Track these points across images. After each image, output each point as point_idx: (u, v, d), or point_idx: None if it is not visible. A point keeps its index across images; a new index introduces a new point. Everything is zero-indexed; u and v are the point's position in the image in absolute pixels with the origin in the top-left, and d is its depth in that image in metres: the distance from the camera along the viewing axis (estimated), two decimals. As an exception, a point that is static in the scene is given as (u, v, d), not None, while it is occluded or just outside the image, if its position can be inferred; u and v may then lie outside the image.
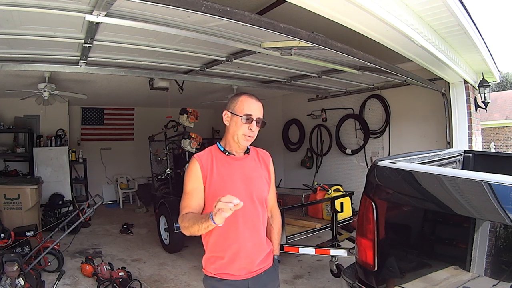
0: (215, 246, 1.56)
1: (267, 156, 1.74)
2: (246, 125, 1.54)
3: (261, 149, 1.76)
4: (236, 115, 1.55)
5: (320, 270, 4.11)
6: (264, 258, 1.63)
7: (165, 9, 2.13)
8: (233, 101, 1.59)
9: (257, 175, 1.64)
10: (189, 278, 3.87)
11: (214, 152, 1.61)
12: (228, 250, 1.53)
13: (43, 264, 3.81)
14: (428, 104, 5.36)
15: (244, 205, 1.49)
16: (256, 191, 1.59)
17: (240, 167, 1.60)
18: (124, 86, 6.01)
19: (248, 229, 1.55)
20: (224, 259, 1.54)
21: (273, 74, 5.06)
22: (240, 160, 1.62)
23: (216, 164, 1.57)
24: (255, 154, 1.70)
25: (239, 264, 1.54)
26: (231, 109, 1.58)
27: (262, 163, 1.69)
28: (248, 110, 1.54)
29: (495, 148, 15.40)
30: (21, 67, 3.63)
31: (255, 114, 1.55)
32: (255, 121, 1.55)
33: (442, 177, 1.72)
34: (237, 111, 1.55)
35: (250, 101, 1.57)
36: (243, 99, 1.57)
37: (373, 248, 1.85)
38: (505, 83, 24.79)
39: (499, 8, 51.08)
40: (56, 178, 6.81)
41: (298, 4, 1.96)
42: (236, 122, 1.55)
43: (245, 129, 1.55)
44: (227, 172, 1.57)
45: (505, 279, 1.45)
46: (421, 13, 2.67)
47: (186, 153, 5.16)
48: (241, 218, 1.52)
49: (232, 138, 1.58)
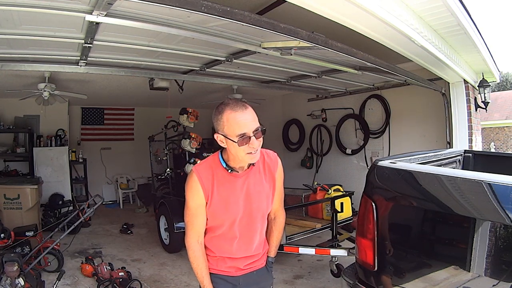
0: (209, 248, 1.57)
1: (274, 162, 1.60)
2: (245, 146, 1.35)
3: (269, 151, 1.62)
4: (230, 140, 1.36)
5: (320, 270, 4.11)
6: (256, 260, 1.63)
7: (165, 9, 2.12)
8: (219, 121, 1.38)
9: (260, 189, 1.54)
10: (189, 278, 3.87)
11: (214, 167, 1.48)
12: (220, 255, 1.56)
13: (43, 264, 3.81)
14: (428, 104, 5.36)
15: (243, 222, 1.52)
16: (257, 207, 1.53)
17: (242, 185, 1.49)
18: (124, 86, 6.01)
19: (244, 242, 1.55)
20: (216, 258, 1.57)
21: (273, 74, 5.06)
22: (242, 177, 1.50)
23: (217, 183, 1.46)
24: (261, 161, 1.55)
25: (230, 264, 1.57)
26: (221, 131, 1.38)
27: (267, 172, 1.57)
28: (239, 130, 1.33)
29: (495, 148, 15.40)
30: (21, 67, 3.63)
31: (249, 129, 1.34)
32: (253, 136, 1.35)
33: (442, 177, 1.72)
34: (229, 134, 1.35)
35: (236, 117, 1.34)
36: (228, 117, 1.34)
37: (373, 248, 1.85)
38: (505, 83, 24.78)
39: (499, 8, 51.10)
40: (56, 178, 6.81)
41: (298, 4, 1.96)
42: (233, 145, 1.37)
43: (246, 149, 1.36)
44: (228, 192, 1.47)
45: (505, 279, 1.45)
46: (421, 13, 2.67)
47: (186, 153, 5.16)
48: (238, 233, 1.53)
49: (236, 157, 1.43)
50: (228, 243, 1.54)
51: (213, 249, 1.56)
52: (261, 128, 1.38)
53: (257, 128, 1.36)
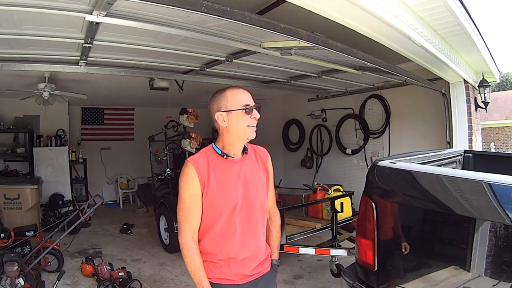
0: (211, 252, 1.49)
1: (265, 154, 1.65)
2: (248, 115, 1.46)
3: (259, 146, 1.67)
4: (234, 110, 1.46)
5: (320, 270, 4.11)
6: (261, 263, 1.57)
7: (165, 9, 2.12)
8: (221, 100, 1.49)
9: (256, 176, 1.55)
10: (189, 278, 3.85)
11: (210, 155, 1.50)
12: (224, 257, 1.48)
13: (43, 264, 3.81)
14: (428, 104, 5.36)
15: (243, 212, 1.48)
16: (254, 195, 1.52)
17: (238, 171, 1.50)
18: (124, 86, 6.01)
19: (246, 236, 1.49)
20: (219, 264, 1.49)
21: (273, 74, 5.06)
22: (238, 163, 1.52)
23: (213, 169, 1.46)
24: (252, 152, 1.60)
25: (235, 270, 1.49)
26: (224, 107, 1.47)
27: (260, 162, 1.60)
28: (244, 101, 1.47)
29: (495, 148, 15.40)
30: (21, 67, 3.63)
31: (251, 102, 1.49)
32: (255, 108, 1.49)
33: (442, 177, 1.72)
34: (233, 106, 1.46)
35: (240, 92, 1.49)
36: (232, 93, 1.49)
37: (373, 248, 1.85)
38: (505, 83, 24.78)
39: (499, 8, 51.10)
40: (56, 178, 6.81)
41: (298, 4, 1.96)
42: (236, 118, 1.46)
43: (249, 120, 1.46)
44: (225, 177, 1.47)
45: (505, 279, 1.45)
46: (421, 13, 2.67)
47: (186, 153, 5.16)
48: (239, 225, 1.47)
49: (236, 137, 1.49)
50: (230, 239, 1.47)
51: (216, 251, 1.48)
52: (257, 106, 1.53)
53: (255, 105, 1.51)
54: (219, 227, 1.47)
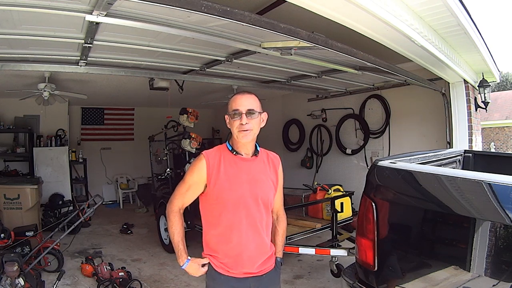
0: (217, 248, 1.57)
1: (277, 160, 1.75)
2: (237, 120, 1.55)
3: (272, 152, 1.76)
4: (228, 116, 1.59)
5: (320, 270, 4.11)
6: (265, 260, 1.63)
7: (165, 9, 2.13)
8: (228, 102, 1.62)
9: (265, 177, 1.63)
10: (189, 278, 3.87)
11: (223, 151, 1.62)
12: (230, 253, 1.55)
13: (43, 264, 3.81)
14: (428, 104, 5.36)
15: (249, 207, 1.54)
16: (262, 194, 1.59)
17: (247, 169, 1.60)
18: (124, 86, 6.01)
19: (251, 231, 1.56)
20: (224, 260, 1.56)
21: (273, 74, 5.06)
22: (248, 162, 1.61)
23: (224, 164, 1.58)
24: (265, 156, 1.70)
25: (241, 267, 1.55)
26: (228, 110, 1.61)
27: (271, 166, 1.69)
28: (234, 106, 1.56)
29: (495, 148, 15.40)
30: (21, 67, 3.63)
31: (242, 107, 1.54)
32: (245, 114, 1.54)
33: (442, 177, 1.72)
34: (228, 111, 1.59)
35: (237, 98, 1.59)
36: (233, 97, 1.60)
37: (373, 248, 1.85)
38: (505, 83, 24.76)
39: (499, 8, 51.10)
40: (56, 178, 6.81)
41: (298, 4, 1.96)
42: (229, 121, 1.59)
43: (237, 124, 1.55)
44: (234, 172, 1.57)
45: (505, 279, 1.45)
46: (421, 13, 2.67)
47: (186, 153, 5.16)
48: (244, 220, 1.54)
49: (235, 138, 1.60)
50: (235, 234, 1.53)
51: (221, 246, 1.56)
52: (256, 111, 1.56)
53: (251, 110, 1.55)
54: (225, 220, 1.54)
